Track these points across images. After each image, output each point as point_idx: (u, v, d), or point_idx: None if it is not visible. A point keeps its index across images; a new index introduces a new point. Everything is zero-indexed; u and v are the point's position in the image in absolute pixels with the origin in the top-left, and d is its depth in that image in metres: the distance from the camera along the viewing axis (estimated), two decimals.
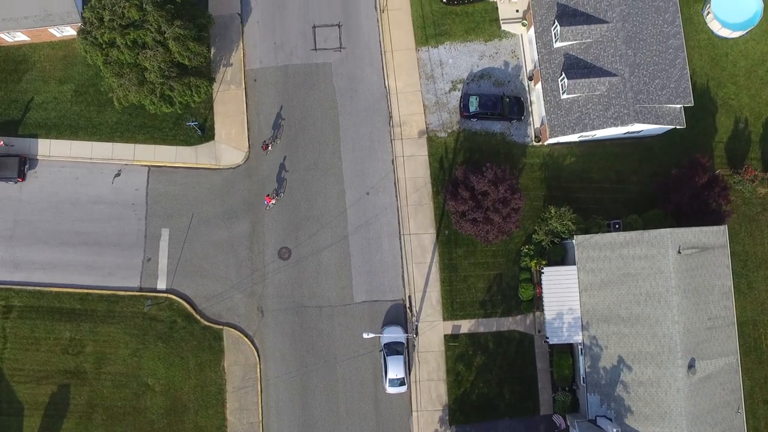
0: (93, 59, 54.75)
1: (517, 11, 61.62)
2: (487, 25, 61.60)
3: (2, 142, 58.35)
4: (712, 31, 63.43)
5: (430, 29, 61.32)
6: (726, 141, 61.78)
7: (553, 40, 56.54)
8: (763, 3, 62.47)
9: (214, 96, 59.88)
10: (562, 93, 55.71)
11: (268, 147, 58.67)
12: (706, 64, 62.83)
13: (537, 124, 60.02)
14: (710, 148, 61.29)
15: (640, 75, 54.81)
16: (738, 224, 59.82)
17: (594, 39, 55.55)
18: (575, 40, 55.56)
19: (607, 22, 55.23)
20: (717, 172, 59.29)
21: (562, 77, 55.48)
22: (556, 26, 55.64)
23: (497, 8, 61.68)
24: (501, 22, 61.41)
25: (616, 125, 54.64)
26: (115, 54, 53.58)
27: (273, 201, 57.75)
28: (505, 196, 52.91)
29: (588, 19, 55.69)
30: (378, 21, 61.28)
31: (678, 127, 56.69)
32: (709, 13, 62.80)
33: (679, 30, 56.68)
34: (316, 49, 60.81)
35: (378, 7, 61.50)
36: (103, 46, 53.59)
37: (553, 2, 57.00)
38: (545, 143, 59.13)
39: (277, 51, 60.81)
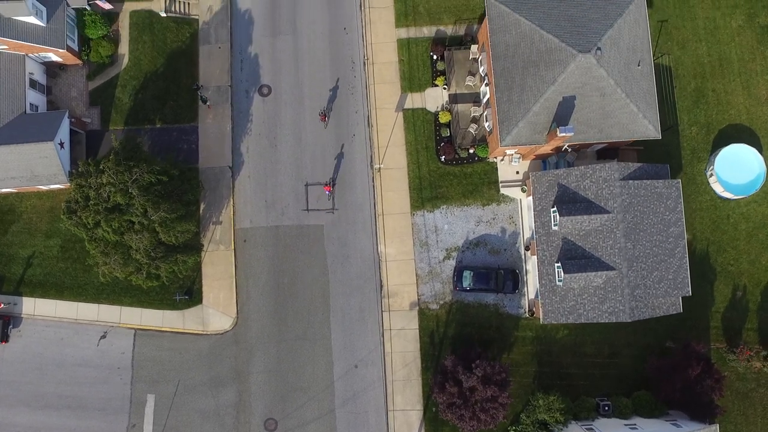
0: (78, 234, 53.53)
1: (518, 173, 60.00)
2: (486, 187, 60.03)
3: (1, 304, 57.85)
4: (714, 192, 61.92)
5: (427, 191, 59.78)
6: (723, 311, 60.71)
7: (552, 223, 55.08)
8: (766, 166, 60.90)
9: (202, 256, 58.63)
10: (558, 280, 54.47)
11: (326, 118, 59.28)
12: (707, 228, 61.47)
13: (531, 296, 58.88)
14: (707, 318, 60.26)
15: (638, 269, 53.55)
16: (731, 402, 59.07)
17: (593, 227, 54.11)
18: (574, 228, 54.14)
19: (607, 212, 53.70)
20: (712, 346, 58.59)
21: (558, 267, 54.16)
22: (556, 213, 54.14)
23: (497, 169, 60.02)
24: (500, 184, 59.84)
25: (610, 320, 53.61)
26: (101, 233, 52.27)
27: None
28: (493, 394, 52.15)
29: (588, 206, 54.16)
30: (373, 182, 59.68)
31: (674, 313, 55.72)
32: (712, 174, 61.22)
33: (680, 217, 55.23)
34: (308, 210, 59.37)
35: (373, 166, 59.86)
36: (89, 226, 52.26)
37: (554, 181, 55.40)
38: (538, 318, 58.12)
39: (268, 210, 59.39)
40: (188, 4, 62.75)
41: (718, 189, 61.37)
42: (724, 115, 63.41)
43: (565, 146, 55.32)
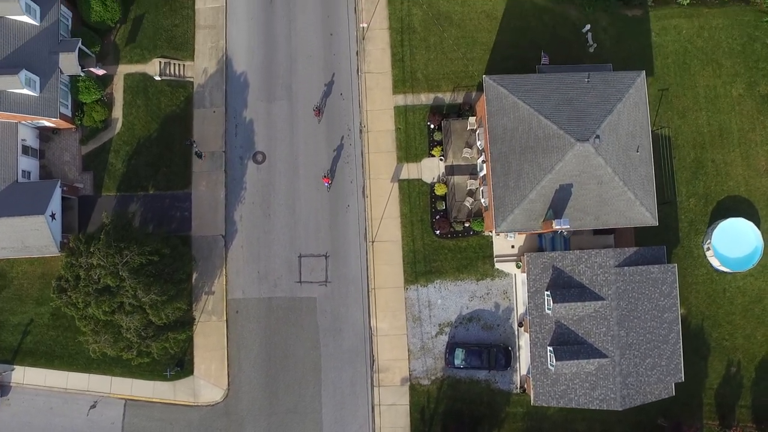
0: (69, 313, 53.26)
1: (513, 246, 59.50)
2: (480, 262, 59.58)
3: None
4: (711, 266, 61.53)
5: (421, 265, 59.34)
6: (717, 387, 60.48)
7: (545, 306, 54.70)
8: (764, 241, 60.44)
9: (194, 327, 58.31)
10: (550, 364, 54.18)
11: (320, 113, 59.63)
12: (702, 302, 61.13)
13: (523, 371, 58.62)
14: (700, 395, 60.04)
15: (631, 356, 53.30)
16: None
17: (587, 313, 53.77)
18: (567, 313, 53.79)
19: (602, 299, 53.37)
20: (705, 424, 58.51)
21: (550, 351, 53.86)
22: (549, 298, 53.76)
23: (492, 243, 59.53)
24: (495, 259, 59.36)
25: (601, 407, 53.44)
26: (92, 311, 51.92)
27: (330, 181, 58.62)
28: None
29: (582, 292, 53.80)
30: (367, 254, 59.24)
31: (667, 397, 55.55)
32: (709, 248, 60.77)
33: (675, 302, 54.91)
34: (300, 282, 58.96)
35: (368, 238, 59.39)
36: (79, 306, 51.92)
37: (549, 263, 54.96)
38: (529, 394, 57.90)
39: (261, 281, 58.96)
40: (183, 66, 61.95)
41: (715, 263, 60.93)
42: (723, 187, 62.87)
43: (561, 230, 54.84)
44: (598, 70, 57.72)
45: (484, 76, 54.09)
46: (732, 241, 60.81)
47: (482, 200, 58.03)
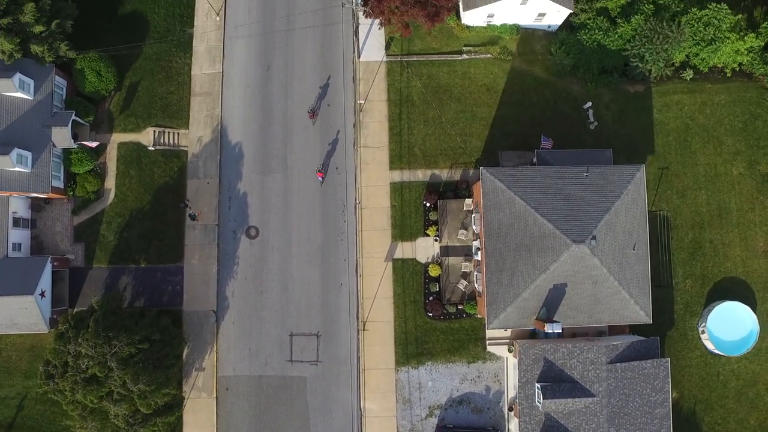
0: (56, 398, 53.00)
1: (505, 330, 59.03)
2: (472, 344, 59.27)
3: None
4: (705, 348, 61.21)
5: (412, 347, 59.01)
6: None
7: (536, 398, 54.39)
8: (759, 325, 60.05)
9: (184, 404, 58.06)
10: None
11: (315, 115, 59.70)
12: (695, 386, 60.89)
13: None
14: None
15: None
16: None
17: (577, 408, 53.46)
18: (557, 408, 53.49)
19: (592, 396, 53.01)
20: None
21: None
22: (540, 392, 53.41)
23: (484, 326, 59.07)
24: (487, 342, 59.01)
25: None
26: (80, 397, 51.65)
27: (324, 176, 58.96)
28: None
29: (573, 387, 53.41)
30: (358, 334, 58.87)
31: None
32: (704, 331, 60.43)
33: (666, 397, 54.52)
34: (291, 361, 58.65)
35: (360, 318, 58.99)
36: (66, 393, 51.64)
37: (541, 355, 54.55)
38: None
39: (251, 358, 58.65)
40: (177, 134, 61.21)
41: (710, 346, 60.60)
42: (720, 268, 62.36)
43: None
44: (597, 158, 57.21)
45: (481, 168, 53.37)
46: (727, 325, 60.49)
47: (476, 284, 57.54)
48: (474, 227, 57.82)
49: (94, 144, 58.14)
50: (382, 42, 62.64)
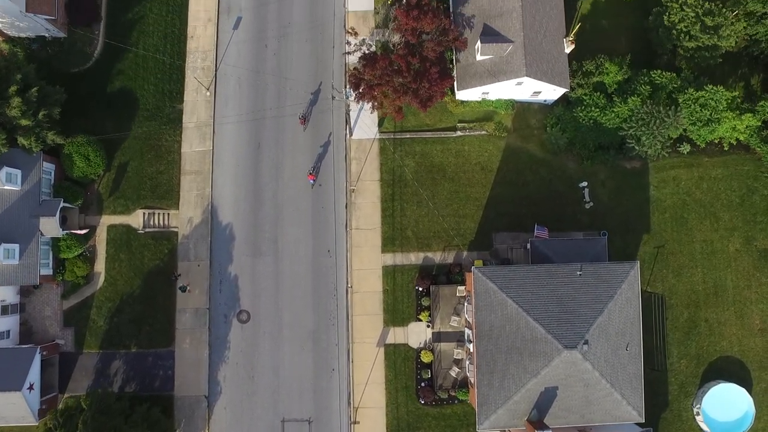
0: None
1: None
2: (464, 430, 58.98)
3: None
4: (700, 429, 60.97)
5: None
6: None
7: None
8: (755, 406, 59.70)
9: None
10: None
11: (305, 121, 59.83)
12: None
13: None
14: None
15: None
16: None
17: None
18: None
19: None
20: None
21: None
22: None
23: (474, 410, 58.66)
24: (479, 428, 58.53)
25: None
26: None
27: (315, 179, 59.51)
28: None
29: None
30: (350, 420, 58.63)
31: None
32: (698, 413, 60.17)
33: None
34: None
35: (352, 404, 58.71)
36: None
37: None
38: None
39: None
40: (167, 215, 60.57)
41: (705, 428, 60.31)
42: (716, 347, 61.92)
43: None
44: (592, 247, 56.61)
45: (473, 268, 52.71)
46: (722, 406, 60.24)
47: (468, 372, 57.15)
48: (466, 315, 57.32)
49: (82, 232, 57.50)
50: (375, 119, 61.75)
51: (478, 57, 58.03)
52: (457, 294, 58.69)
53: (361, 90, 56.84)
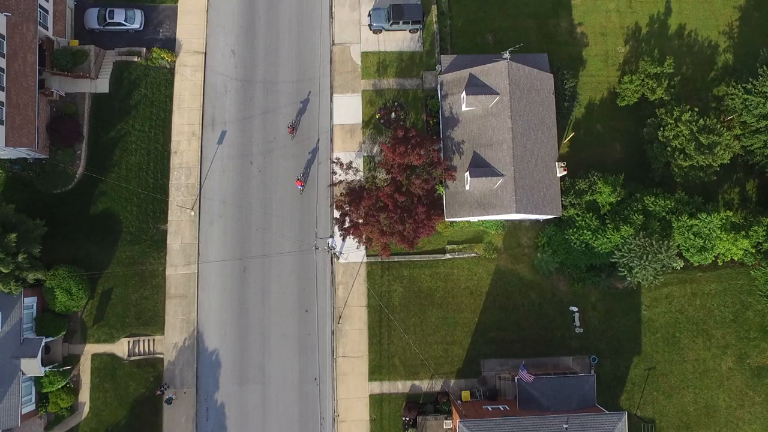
0: None
1: None
2: None
3: None
4: None
5: None
6: None
7: None
8: None
9: None
10: None
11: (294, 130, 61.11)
12: None
13: None
14: None
15: None
16: None
17: None
18: None
19: None
20: None
21: None
22: None
23: None
24: None
25: None
26: None
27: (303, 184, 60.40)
28: None
29: None
30: None
31: None
32: None
33: None
34: None
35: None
36: None
37: None
38: None
39: None
40: (153, 340, 59.89)
41: None
42: None
43: None
44: (580, 385, 56.23)
45: (459, 422, 52.08)
46: None
47: None
48: None
49: (66, 368, 56.80)
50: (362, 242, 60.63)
51: (467, 187, 56.80)
52: (444, 427, 58.13)
53: (346, 226, 55.82)
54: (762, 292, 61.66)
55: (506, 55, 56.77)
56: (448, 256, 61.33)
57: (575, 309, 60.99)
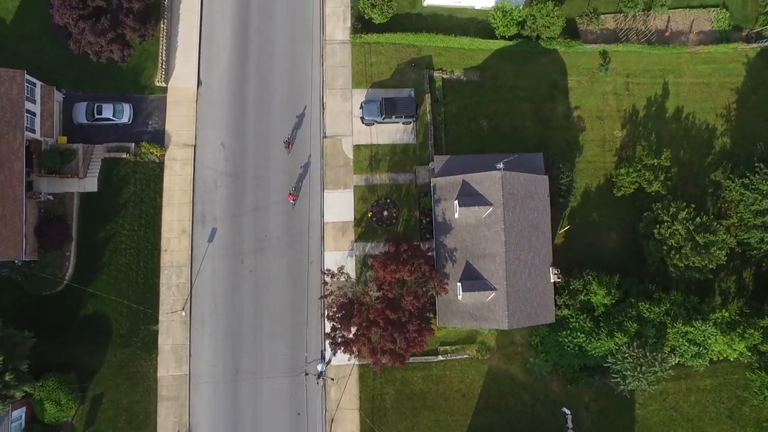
0: None
1: None
2: None
3: None
4: None
5: None
6: None
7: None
8: None
9: None
10: None
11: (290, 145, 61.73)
12: None
13: None
14: None
15: None
16: None
17: None
18: None
19: None
20: None
21: None
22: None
23: None
24: None
25: None
26: None
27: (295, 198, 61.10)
28: None
29: None
30: None
31: None
32: None
33: None
34: None
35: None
36: None
37: None
38: None
39: None
40: None
41: None
42: None
43: None
44: None
45: None
46: None
47: None
48: None
49: None
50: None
51: (460, 298, 56.24)
52: None
53: (338, 342, 55.48)
54: (757, 394, 61.28)
55: (500, 165, 55.78)
56: (440, 357, 60.90)
57: (568, 411, 60.65)
